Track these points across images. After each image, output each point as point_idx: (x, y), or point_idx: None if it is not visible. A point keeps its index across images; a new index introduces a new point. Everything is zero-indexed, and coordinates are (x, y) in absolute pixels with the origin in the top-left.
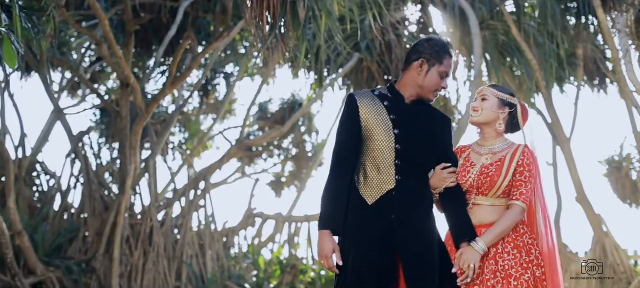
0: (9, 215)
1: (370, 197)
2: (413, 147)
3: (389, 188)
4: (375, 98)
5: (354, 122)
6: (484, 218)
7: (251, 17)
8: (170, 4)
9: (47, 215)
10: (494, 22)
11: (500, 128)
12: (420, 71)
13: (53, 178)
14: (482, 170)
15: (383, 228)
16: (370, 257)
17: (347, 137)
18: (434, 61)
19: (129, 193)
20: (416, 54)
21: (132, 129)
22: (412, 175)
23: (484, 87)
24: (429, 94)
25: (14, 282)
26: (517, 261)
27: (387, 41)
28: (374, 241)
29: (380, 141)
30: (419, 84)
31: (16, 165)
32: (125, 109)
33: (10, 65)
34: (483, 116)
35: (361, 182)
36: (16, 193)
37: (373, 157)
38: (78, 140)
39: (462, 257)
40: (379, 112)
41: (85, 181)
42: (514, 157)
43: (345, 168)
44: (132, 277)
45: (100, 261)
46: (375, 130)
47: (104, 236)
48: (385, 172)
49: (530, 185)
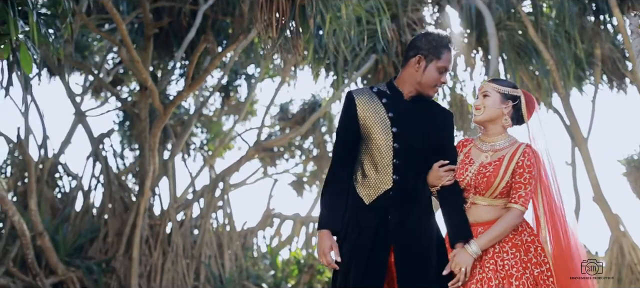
0: (31, 216)
1: (367, 197)
2: (412, 145)
3: (387, 189)
4: (373, 95)
5: (352, 121)
6: (481, 217)
7: (261, 21)
8: (190, 8)
9: (69, 216)
10: (511, 23)
11: (507, 123)
12: (418, 67)
13: (75, 179)
14: (480, 170)
15: (379, 228)
16: (360, 255)
17: (345, 136)
18: (432, 57)
19: (148, 194)
20: (414, 49)
21: (151, 131)
22: (410, 174)
23: (485, 82)
24: (428, 90)
25: (35, 281)
26: (517, 260)
27: (404, 42)
28: (367, 240)
29: (378, 140)
30: (418, 81)
31: (38, 167)
32: (145, 111)
33: (26, 71)
34: (487, 114)
35: (359, 181)
36: (39, 195)
37: (371, 156)
38: (99, 142)
39: (454, 259)
40: (377, 110)
41: (105, 182)
42: (513, 157)
43: (344, 168)
44: (151, 277)
45: (120, 261)
46: (373, 129)
47: (124, 236)
48: (383, 171)
49: (530, 188)
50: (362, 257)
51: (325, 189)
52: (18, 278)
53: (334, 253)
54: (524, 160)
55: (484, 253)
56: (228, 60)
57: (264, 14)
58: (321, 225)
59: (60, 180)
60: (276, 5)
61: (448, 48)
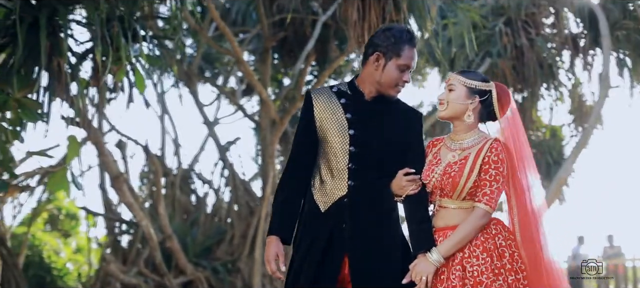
0: (160, 221)
1: (323, 204)
2: (370, 149)
3: (341, 195)
4: (332, 95)
5: (309, 122)
6: (451, 221)
7: (354, 37)
8: (311, 18)
9: (198, 219)
10: (628, 22)
11: (469, 120)
12: (377, 66)
13: (206, 185)
14: (446, 170)
15: (333, 238)
16: (310, 266)
17: (301, 139)
18: (392, 54)
19: (268, 199)
20: (372, 46)
21: (270, 139)
22: (368, 180)
23: (452, 74)
24: (389, 90)
25: (164, 281)
26: (488, 267)
27: (519, 46)
28: (318, 250)
29: (334, 143)
30: (377, 80)
31: (171, 174)
32: (265, 120)
33: (140, 90)
34: (450, 109)
35: (317, 187)
36: (172, 200)
37: (328, 161)
38: (226, 150)
39: (415, 268)
40: (335, 110)
41: (232, 187)
42: (480, 153)
43: (298, 173)
44: (273, 277)
45: (245, 262)
46: (329, 131)
47: (248, 238)
48: (338, 176)
49: (497, 185)
50: (311, 268)
51: (278, 194)
52: (149, 278)
53: (280, 262)
54: (491, 156)
55: (450, 260)
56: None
57: (357, 29)
58: (270, 231)
59: (193, 186)
60: (368, 23)
61: (409, 44)
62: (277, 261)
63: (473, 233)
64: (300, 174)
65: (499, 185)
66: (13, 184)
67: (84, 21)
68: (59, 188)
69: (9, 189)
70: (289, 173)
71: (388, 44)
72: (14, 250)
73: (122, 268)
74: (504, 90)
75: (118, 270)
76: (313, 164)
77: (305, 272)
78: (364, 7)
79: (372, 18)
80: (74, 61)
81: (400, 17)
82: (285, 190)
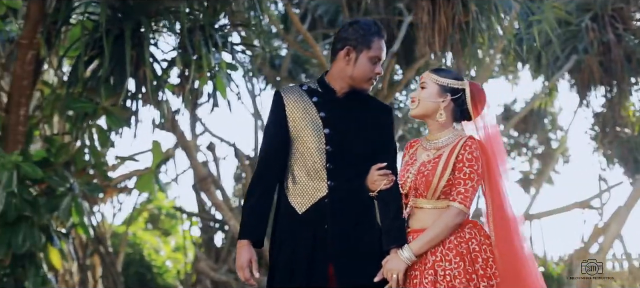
0: None
1: (300, 206)
2: (347, 147)
3: (321, 196)
4: (303, 94)
5: (281, 122)
6: (427, 221)
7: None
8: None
9: None
10: None
11: (441, 119)
12: (349, 60)
13: None
14: (420, 169)
15: (316, 240)
16: (300, 270)
17: (272, 139)
18: (362, 47)
19: None
20: (341, 41)
21: None
22: (347, 179)
23: (426, 73)
24: (362, 84)
25: None
26: (461, 271)
27: (606, 42)
28: (304, 254)
29: (309, 143)
30: (349, 75)
31: None
32: None
33: (222, 96)
34: (421, 108)
35: (290, 188)
36: None
37: (302, 161)
38: None
39: (386, 265)
40: (307, 109)
41: None
42: (453, 151)
43: (269, 175)
44: None
45: None
46: (304, 131)
47: None
48: (316, 177)
49: (471, 184)
50: (301, 271)
51: (248, 196)
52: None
53: (253, 268)
54: (464, 154)
55: (422, 263)
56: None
57: (427, 31)
58: (241, 234)
59: None
60: (438, 24)
61: (378, 35)
62: (250, 267)
63: (446, 232)
64: (271, 175)
65: (473, 184)
66: (111, 186)
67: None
68: (145, 190)
69: (108, 190)
70: (259, 175)
71: (357, 37)
72: (114, 249)
73: (213, 266)
74: (478, 89)
75: (209, 268)
76: (284, 165)
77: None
78: (434, 10)
79: (441, 20)
80: (159, 70)
81: (469, 18)
82: (257, 191)
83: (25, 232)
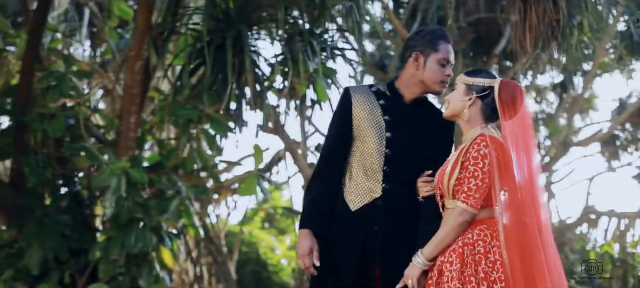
0: None
1: (353, 203)
2: (405, 153)
3: (375, 197)
4: (371, 94)
5: (346, 119)
6: None
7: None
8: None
9: None
10: None
11: (466, 118)
12: (418, 65)
13: None
14: (442, 169)
15: (364, 239)
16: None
17: (336, 135)
18: (429, 51)
19: None
20: (409, 49)
21: None
22: (401, 184)
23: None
24: (434, 87)
25: None
26: (456, 274)
27: None
28: (355, 252)
29: (370, 143)
30: (420, 79)
31: None
32: None
33: (322, 99)
34: (450, 108)
35: (346, 184)
36: None
37: (361, 160)
38: None
39: (405, 272)
40: (373, 110)
41: None
42: (463, 149)
43: (331, 168)
44: None
45: None
46: (366, 131)
47: None
48: (372, 178)
49: (475, 182)
50: (349, 271)
51: (310, 187)
52: None
53: (314, 257)
54: (471, 152)
55: (434, 264)
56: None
57: (518, 30)
58: (303, 224)
59: None
60: (529, 22)
61: (444, 39)
62: (311, 256)
63: (452, 232)
64: (334, 170)
65: (478, 182)
66: (225, 187)
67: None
68: (248, 193)
69: (222, 192)
70: (322, 168)
71: (424, 42)
72: (229, 248)
73: None
74: (510, 86)
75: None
76: (346, 161)
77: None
78: (525, 8)
79: (532, 18)
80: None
81: (560, 16)
82: (320, 184)
83: (137, 233)
